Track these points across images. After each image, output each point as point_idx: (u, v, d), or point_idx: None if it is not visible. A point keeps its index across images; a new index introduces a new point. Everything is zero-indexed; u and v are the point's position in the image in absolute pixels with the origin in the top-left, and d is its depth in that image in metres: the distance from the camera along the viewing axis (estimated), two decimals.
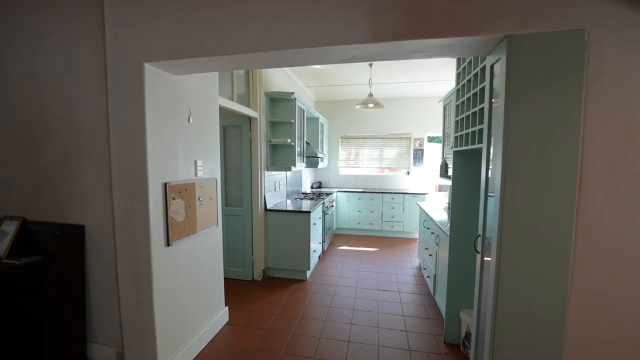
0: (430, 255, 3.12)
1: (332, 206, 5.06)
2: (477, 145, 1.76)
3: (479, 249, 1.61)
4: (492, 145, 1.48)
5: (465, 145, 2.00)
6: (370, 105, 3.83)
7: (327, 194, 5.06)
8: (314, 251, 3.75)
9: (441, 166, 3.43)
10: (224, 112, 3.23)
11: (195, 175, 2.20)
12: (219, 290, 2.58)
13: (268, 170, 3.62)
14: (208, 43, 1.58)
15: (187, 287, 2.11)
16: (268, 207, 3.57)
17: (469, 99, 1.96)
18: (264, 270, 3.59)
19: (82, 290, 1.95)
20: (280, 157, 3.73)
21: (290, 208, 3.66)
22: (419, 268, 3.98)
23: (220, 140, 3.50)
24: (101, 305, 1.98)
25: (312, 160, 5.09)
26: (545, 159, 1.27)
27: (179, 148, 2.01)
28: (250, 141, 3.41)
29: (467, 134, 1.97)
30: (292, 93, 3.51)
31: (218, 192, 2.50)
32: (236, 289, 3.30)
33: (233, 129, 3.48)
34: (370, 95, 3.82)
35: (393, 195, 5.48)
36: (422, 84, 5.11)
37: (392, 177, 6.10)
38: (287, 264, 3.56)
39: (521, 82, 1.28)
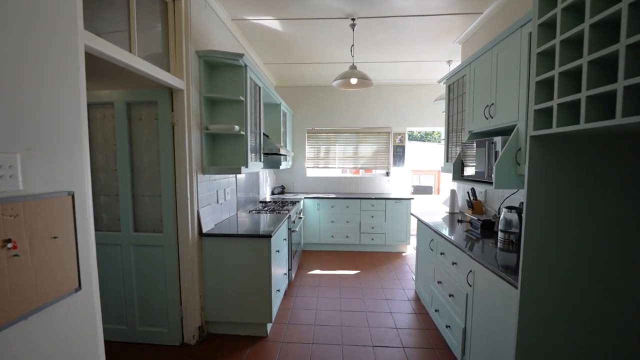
0: (450, 295, 2.13)
1: (300, 218, 3.93)
2: None
3: None
4: None
5: (584, 123, 0.99)
6: (354, 81, 2.77)
7: (293, 202, 3.91)
8: (278, 291, 2.58)
9: (454, 165, 2.48)
10: (120, 75, 1.94)
11: None
12: None
13: (205, 172, 2.37)
14: None
15: None
16: (205, 230, 2.32)
17: (598, 25, 0.96)
18: (201, 327, 2.34)
19: None
20: (225, 153, 2.49)
21: (240, 230, 2.45)
22: (417, 300, 3.02)
23: (123, 126, 2.16)
24: None
25: (272, 159, 3.91)
26: None
27: None
28: (173, 127, 2.14)
29: (594, 97, 0.96)
30: (241, 55, 2.31)
31: (84, 218, 1.24)
32: None
33: (143, 107, 2.17)
34: (353, 67, 2.76)
35: (373, 201, 4.50)
36: (405, 67, 4.21)
37: (369, 179, 5.14)
38: (237, 315, 2.35)
39: None
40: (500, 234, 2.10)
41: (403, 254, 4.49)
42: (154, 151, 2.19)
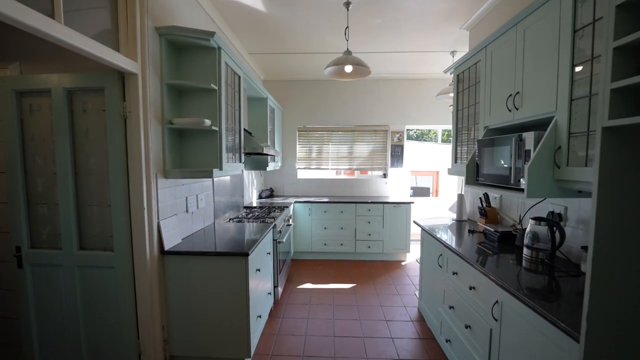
0: (467, 327, 1.75)
1: (289, 225, 3.52)
2: None
3: None
4: None
5: None
6: (348, 69, 2.38)
7: (281, 208, 3.51)
8: (259, 317, 2.18)
9: (468, 167, 2.10)
10: (55, 54, 1.56)
11: None
12: None
13: (168, 176, 1.95)
14: None
15: None
16: (168, 247, 1.90)
17: None
18: None
19: None
20: (194, 153, 2.08)
21: (214, 244, 2.04)
22: (421, 320, 2.64)
23: (63, 119, 1.68)
24: None
25: (257, 160, 3.51)
26: None
27: None
28: (125, 120, 1.72)
29: None
30: (212, 34, 1.90)
31: None
32: None
33: (88, 96, 1.75)
34: (348, 52, 2.37)
35: (369, 205, 4.12)
36: (404, 58, 3.84)
37: (365, 181, 4.76)
38: (209, 349, 1.93)
39: None
40: (525, 251, 1.74)
41: (402, 263, 4.12)
42: (102, 150, 1.76)
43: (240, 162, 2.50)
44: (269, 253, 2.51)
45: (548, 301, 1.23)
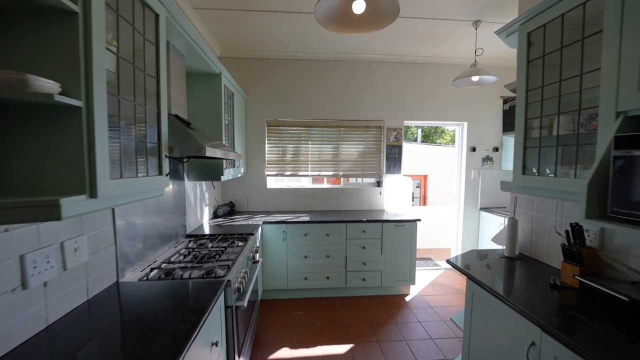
0: None
1: (256, 262, 2.39)
2: None
3: None
4: None
5: None
6: (358, 8, 1.33)
7: (244, 238, 2.39)
8: None
9: (591, 187, 1.17)
10: None
11: None
12: None
13: None
14: None
15: None
16: None
17: None
18: None
19: None
20: (24, 159, 0.90)
21: None
22: None
23: None
24: None
25: (205, 165, 2.37)
26: None
27: None
28: None
29: None
30: None
31: None
32: None
33: None
34: None
35: (364, 225, 3.12)
36: (410, 32, 2.90)
37: (354, 191, 3.75)
38: None
39: None
40: None
41: (406, 299, 3.17)
42: None
43: (161, 173, 1.35)
44: (216, 343, 1.38)
45: None
